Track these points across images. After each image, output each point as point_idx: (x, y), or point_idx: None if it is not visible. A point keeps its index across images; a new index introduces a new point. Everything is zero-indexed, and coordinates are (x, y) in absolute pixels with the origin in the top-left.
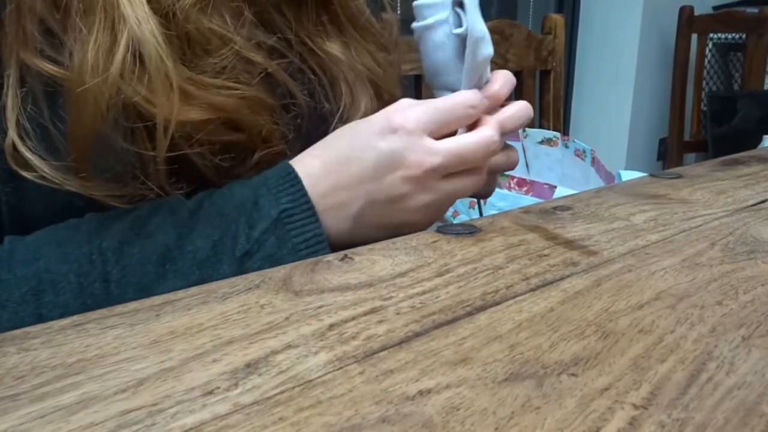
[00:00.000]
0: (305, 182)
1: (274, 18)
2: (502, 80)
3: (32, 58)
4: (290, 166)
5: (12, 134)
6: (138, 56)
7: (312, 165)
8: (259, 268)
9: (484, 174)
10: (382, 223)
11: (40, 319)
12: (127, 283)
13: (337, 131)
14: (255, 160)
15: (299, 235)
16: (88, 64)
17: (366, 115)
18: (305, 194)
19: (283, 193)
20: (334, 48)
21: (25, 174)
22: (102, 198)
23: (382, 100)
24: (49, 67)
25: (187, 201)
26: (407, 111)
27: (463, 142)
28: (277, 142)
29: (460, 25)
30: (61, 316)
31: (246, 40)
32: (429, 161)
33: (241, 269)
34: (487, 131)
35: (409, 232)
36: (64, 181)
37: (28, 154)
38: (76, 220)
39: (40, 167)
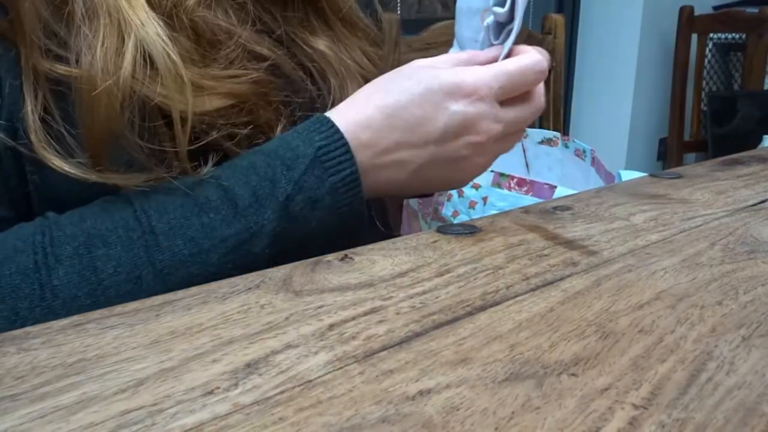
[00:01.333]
0: (365, 134)
1: (263, 16)
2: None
3: (42, 61)
4: (320, 115)
5: (31, 136)
6: (148, 57)
7: (368, 112)
8: (301, 212)
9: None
10: (435, 179)
11: (96, 273)
12: (175, 235)
13: (398, 77)
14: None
15: (337, 173)
16: (98, 67)
17: None
18: (338, 131)
19: (315, 132)
20: (320, 43)
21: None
22: (125, 186)
23: None
24: (60, 69)
25: (220, 165)
26: (479, 74)
27: (524, 111)
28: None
29: None
30: (116, 270)
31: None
32: (495, 129)
33: (285, 214)
34: (541, 100)
35: (452, 186)
36: (85, 176)
37: (47, 155)
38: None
39: (60, 165)
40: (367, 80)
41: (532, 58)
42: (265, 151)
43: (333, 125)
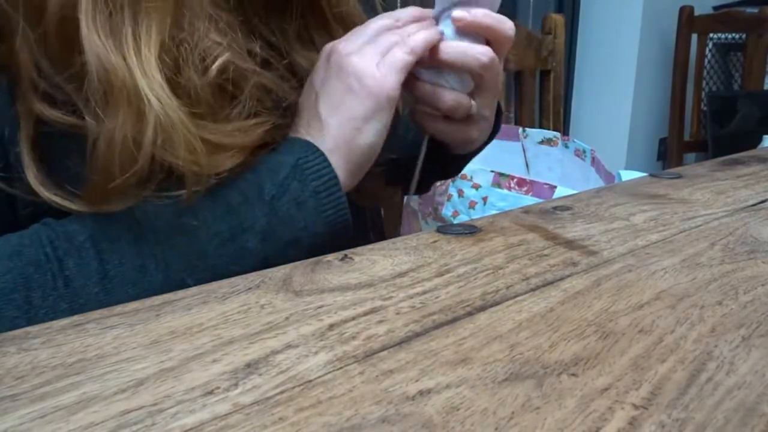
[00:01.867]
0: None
1: (261, 28)
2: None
3: (43, 109)
4: (292, 137)
5: (31, 178)
6: (168, 131)
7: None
8: (287, 212)
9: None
10: (337, 98)
11: (103, 264)
12: (173, 232)
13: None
14: None
15: (318, 178)
16: (117, 147)
17: None
18: (314, 145)
19: (295, 147)
20: (315, 57)
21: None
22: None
23: None
24: (60, 118)
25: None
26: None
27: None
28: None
29: None
30: (121, 261)
31: (239, 49)
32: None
33: (272, 212)
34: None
35: (375, 94)
36: (90, 210)
37: (50, 196)
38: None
39: (64, 205)
40: None
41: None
42: (252, 164)
43: (309, 143)
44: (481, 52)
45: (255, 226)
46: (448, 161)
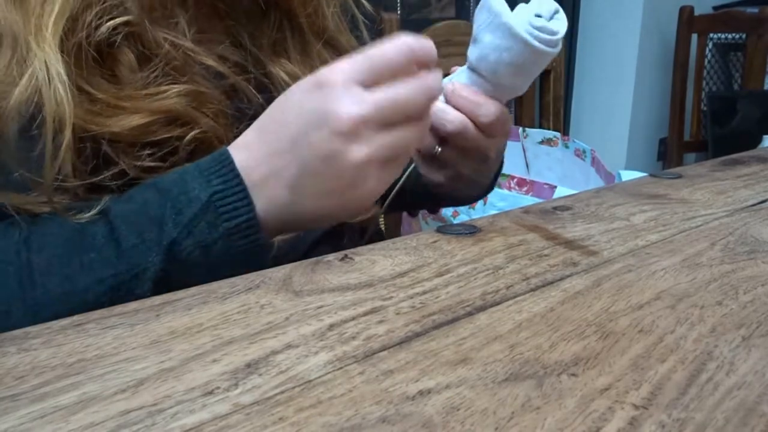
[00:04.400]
0: (241, 155)
1: (236, 36)
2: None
3: None
4: (225, 150)
5: None
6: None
7: (247, 135)
8: (189, 256)
9: (427, 122)
10: (322, 190)
11: None
12: (51, 272)
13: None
14: (188, 141)
15: (232, 219)
16: None
17: None
18: (237, 175)
19: (215, 174)
20: (288, 69)
21: None
22: (21, 205)
23: None
24: None
25: (119, 197)
26: (336, 64)
27: (397, 88)
28: (224, 135)
29: None
30: None
31: (196, 44)
32: (357, 111)
33: (170, 257)
34: (427, 77)
35: (359, 206)
36: None
37: None
38: (9, 220)
39: None
40: None
41: (397, 38)
42: (160, 187)
43: (233, 167)
44: (450, 119)
45: (147, 273)
46: (438, 200)
